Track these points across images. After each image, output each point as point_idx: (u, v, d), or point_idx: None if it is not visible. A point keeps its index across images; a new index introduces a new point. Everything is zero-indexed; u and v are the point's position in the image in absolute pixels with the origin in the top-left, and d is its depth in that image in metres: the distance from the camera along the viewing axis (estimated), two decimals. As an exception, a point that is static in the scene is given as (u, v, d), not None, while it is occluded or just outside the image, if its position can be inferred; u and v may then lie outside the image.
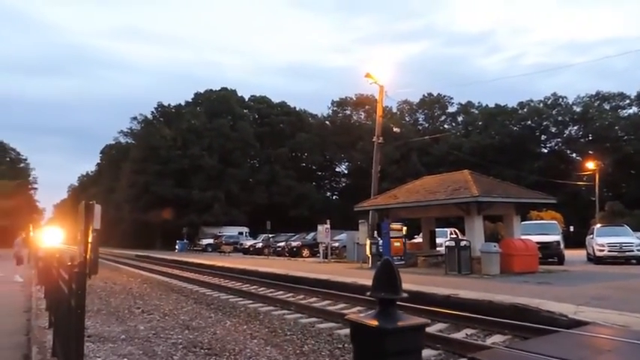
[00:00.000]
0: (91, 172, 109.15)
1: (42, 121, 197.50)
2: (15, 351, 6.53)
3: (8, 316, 9.53)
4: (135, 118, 75.09)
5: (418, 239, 23.52)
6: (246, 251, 38.52)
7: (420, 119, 76.72)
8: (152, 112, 72.84)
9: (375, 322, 1.59)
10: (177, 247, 51.04)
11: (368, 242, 19.73)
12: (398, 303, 1.67)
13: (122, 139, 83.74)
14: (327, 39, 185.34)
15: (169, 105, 72.37)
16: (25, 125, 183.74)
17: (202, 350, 6.72)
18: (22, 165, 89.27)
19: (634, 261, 20.65)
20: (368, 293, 1.71)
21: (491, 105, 68.68)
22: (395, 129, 37.63)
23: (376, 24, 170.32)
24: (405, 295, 1.67)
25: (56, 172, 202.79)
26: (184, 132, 63.06)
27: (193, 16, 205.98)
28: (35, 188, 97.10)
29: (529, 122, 63.13)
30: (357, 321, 1.65)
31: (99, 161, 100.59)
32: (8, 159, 79.41)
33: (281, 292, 13.57)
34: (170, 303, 11.76)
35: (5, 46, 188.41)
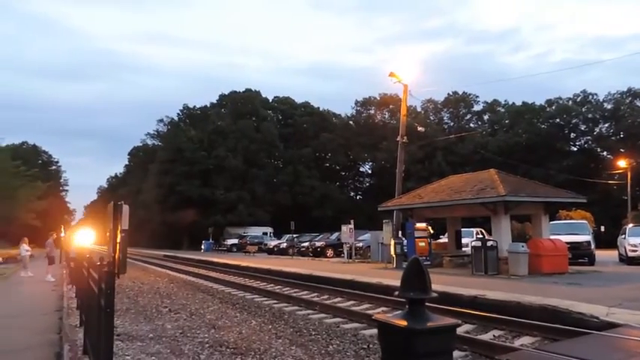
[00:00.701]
0: (120, 173, 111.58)
1: (73, 125, 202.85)
2: (47, 349, 6.70)
3: (41, 314, 9.80)
4: (161, 120, 76.56)
5: (443, 239, 23.26)
6: (270, 251, 38.74)
7: (445, 118, 75.86)
8: (178, 114, 74.04)
9: (404, 323, 1.56)
10: (202, 247, 51.71)
11: (392, 242, 19.59)
12: (425, 304, 1.64)
13: (149, 141, 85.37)
14: (350, 39, 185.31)
15: (194, 107, 73.43)
16: (57, 129, 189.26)
17: (228, 349, 6.78)
18: (53, 167, 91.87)
19: (669, 262, 19.98)
20: (396, 293, 1.68)
21: (518, 103, 67.50)
22: (419, 128, 37.22)
23: (399, 23, 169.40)
24: (434, 294, 1.64)
25: (86, 174, 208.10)
26: (210, 133, 63.86)
27: (217, 19, 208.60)
28: (66, 190, 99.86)
29: (557, 120, 61.73)
30: (385, 321, 1.62)
31: (127, 163, 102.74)
32: (40, 162, 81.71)
33: (305, 292, 13.59)
34: (196, 302, 11.91)
35: (38, 52, 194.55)
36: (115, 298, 4.34)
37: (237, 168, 61.74)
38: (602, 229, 35.45)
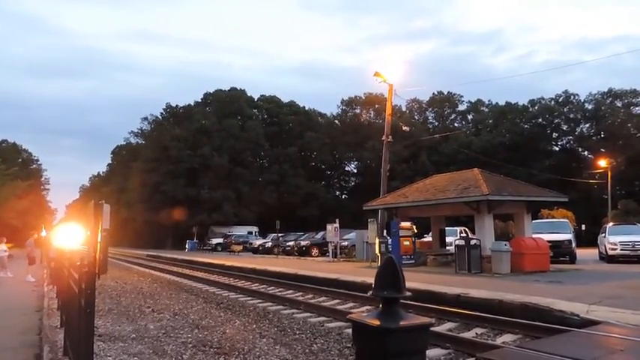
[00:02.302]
0: (103, 172, 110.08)
1: (55, 123, 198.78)
2: (27, 350, 6.60)
3: (21, 315, 9.64)
4: (145, 119, 75.71)
5: (428, 238, 23.41)
6: (255, 250, 38.60)
7: (430, 118, 76.44)
8: (161, 112, 73.37)
9: (377, 322, 1.55)
10: (187, 246, 51.31)
11: (377, 241, 19.66)
12: (408, 302, 1.63)
13: (132, 140, 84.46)
14: (337, 39, 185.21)
15: (177, 106, 72.79)
16: (39, 127, 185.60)
17: (212, 349, 6.73)
18: (34, 166, 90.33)
19: (647, 260, 20.39)
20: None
21: (502, 103, 68.28)
22: (404, 128, 37.54)
23: (385, 23, 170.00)
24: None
25: (69, 172, 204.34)
26: (195, 132, 63.41)
27: (204, 17, 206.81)
28: (47, 189, 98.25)
29: (540, 120, 62.60)
30: (359, 320, 1.61)
31: (110, 162, 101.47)
32: (20, 160, 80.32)
33: (290, 292, 13.57)
34: (180, 302, 11.81)
35: (22, 49, 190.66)
36: (97, 298, 4.29)
37: (222, 167, 61.39)
38: (583, 227, 36.08)
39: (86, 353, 4.09)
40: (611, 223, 25.47)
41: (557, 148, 64.35)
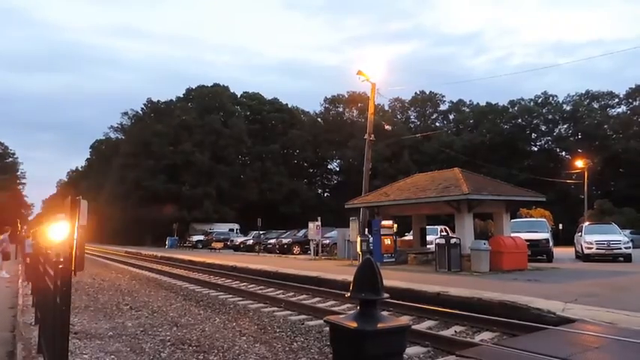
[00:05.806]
0: (81, 167, 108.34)
1: (33, 117, 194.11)
2: None
3: (-6, 312, 9.40)
4: (125, 114, 74.70)
5: (409, 237, 23.57)
6: (236, 248, 38.40)
7: (412, 117, 76.94)
8: (142, 107, 72.45)
9: (354, 324, 1.54)
10: (167, 243, 50.72)
11: (359, 239, 19.70)
12: (388, 300, 1.62)
13: (112, 135, 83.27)
14: (320, 38, 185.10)
15: (159, 101, 71.92)
16: (16, 121, 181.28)
17: (191, 347, 6.67)
18: (9, 160, 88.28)
19: (621, 258, 20.84)
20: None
21: (483, 103, 69.06)
22: (387, 127, 37.50)
23: (367, 24, 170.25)
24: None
25: (46, 167, 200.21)
26: (176, 128, 62.69)
27: (187, 14, 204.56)
28: (24, 183, 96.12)
29: (520, 120, 63.57)
30: (336, 323, 1.59)
31: (89, 156, 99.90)
32: (-4, 153, 78.56)
33: (271, 290, 13.52)
34: (159, 300, 11.68)
35: (1, 41, 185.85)
36: (74, 295, 4.20)
37: (203, 163, 60.80)
38: (560, 227, 36.73)
39: (61, 351, 4.00)
40: (587, 223, 25.97)
41: (535, 149, 65.43)
